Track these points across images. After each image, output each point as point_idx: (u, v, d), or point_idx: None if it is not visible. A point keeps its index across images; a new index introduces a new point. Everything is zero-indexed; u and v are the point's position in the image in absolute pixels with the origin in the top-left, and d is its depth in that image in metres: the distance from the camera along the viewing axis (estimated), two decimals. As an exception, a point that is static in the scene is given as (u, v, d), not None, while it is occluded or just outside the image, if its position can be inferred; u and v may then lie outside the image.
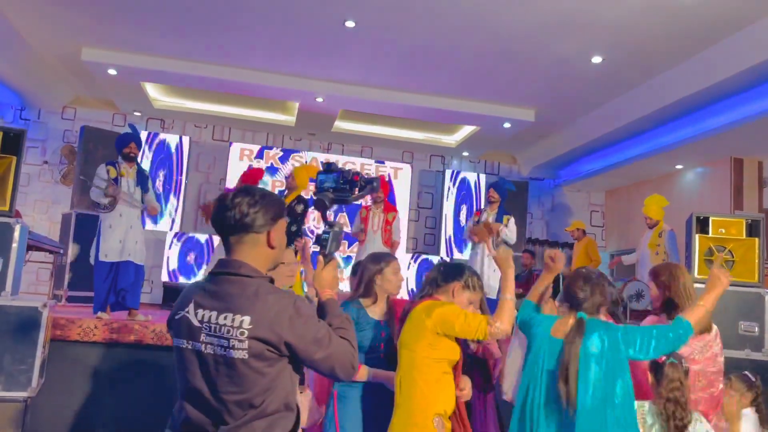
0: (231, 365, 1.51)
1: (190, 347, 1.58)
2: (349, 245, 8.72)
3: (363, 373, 2.65)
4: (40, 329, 3.69)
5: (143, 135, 8.65)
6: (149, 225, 7.96)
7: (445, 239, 9.50)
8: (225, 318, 1.53)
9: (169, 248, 8.25)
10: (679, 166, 8.67)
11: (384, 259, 2.87)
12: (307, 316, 1.56)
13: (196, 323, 1.57)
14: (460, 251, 9.32)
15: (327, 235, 1.87)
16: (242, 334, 1.50)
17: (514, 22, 5.65)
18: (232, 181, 8.52)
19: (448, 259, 9.04)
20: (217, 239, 6.02)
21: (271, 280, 1.65)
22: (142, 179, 5.19)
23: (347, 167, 2.09)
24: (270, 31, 6.33)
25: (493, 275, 5.79)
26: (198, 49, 6.99)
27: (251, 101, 8.64)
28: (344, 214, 9.00)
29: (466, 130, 9.16)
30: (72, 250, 6.90)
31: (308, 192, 6.05)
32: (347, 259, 8.73)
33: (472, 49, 6.33)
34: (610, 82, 6.92)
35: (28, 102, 8.66)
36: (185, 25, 6.34)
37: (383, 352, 2.75)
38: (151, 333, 4.57)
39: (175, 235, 8.35)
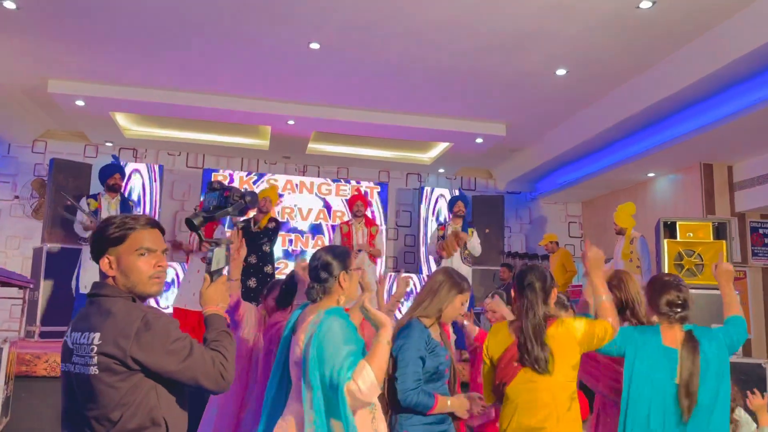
0: (86, 381, 1.58)
1: (65, 370, 1.66)
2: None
3: (443, 404, 2.53)
4: (1, 366, 3.60)
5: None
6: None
7: (425, 257, 9.48)
8: (83, 337, 1.61)
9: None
10: (651, 174, 8.76)
11: (464, 288, 2.77)
12: (157, 329, 1.61)
13: (70, 346, 1.65)
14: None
15: (212, 254, 1.93)
16: (92, 350, 1.57)
17: (479, 38, 5.71)
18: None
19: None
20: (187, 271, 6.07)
21: (132, 300, 1.70)
22: (125, 209, 5.16)
23: (229, 187, 2.17)
24: (237, 56, 6.35)
25: None
26: (166, 76, 6.98)
27: (224, 127, 8.63)
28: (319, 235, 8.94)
29: (441, 147, 9.21)
30: (45, 284, 6.78)
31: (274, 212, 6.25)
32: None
33: (439, 66, 6.38)
34: (576, 94, 7.01)
35: (-3, 137, 8.58)
36: (151, 53, 6.33)
37: (448, 377, 2.69)
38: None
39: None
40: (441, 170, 10.14)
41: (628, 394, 2.56)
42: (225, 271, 1.97)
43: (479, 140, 8.39)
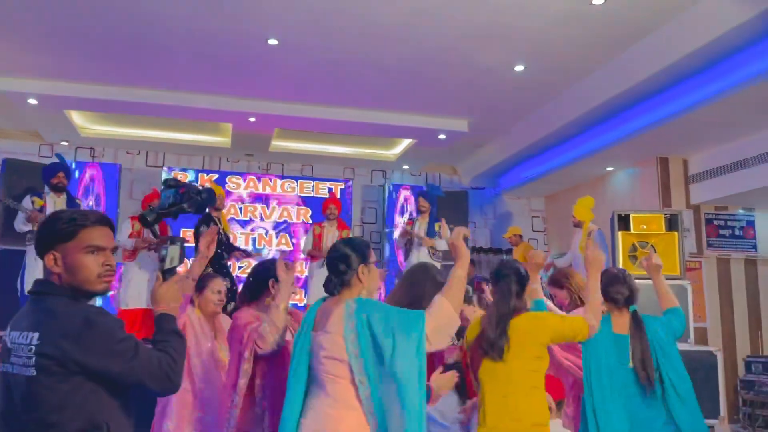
0: (25, 383, 1.52)
1: (3, 370, 1.59)
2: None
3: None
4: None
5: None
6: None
7: (391, 253, 9.49)
8: (21, 336, 1.55)
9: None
10: (609, 168, 8.92)
11: None
12: (99, 329, 1.56)
13: (8, 345, 1.59)
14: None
15: (166, 251, 1.90)
16: (30, 350, 1.51)
17: (435, 33, 5.73)
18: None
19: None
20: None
21: (81, 297, 1.65)
22: (72, 206, 5.02)
23: (193, 185, 2.13)
24: (194, 52, 6.24)
25: None
26: (122, 73, 6.83)
27: (184, 125, 8.49)
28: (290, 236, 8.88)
29: (404, 143, 9.22)
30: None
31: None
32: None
33: (398, 61, 6.39)
34: (534, 90, 7.09)
35: (-53, 136, 8.30)
36: (106, 50, 6.19)
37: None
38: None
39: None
40: (405, 167, 10.16)
41: (589, 380, 2.73)
42: (178, 270, 1.95)
43: (442, 136, 8.43)
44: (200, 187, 2.03)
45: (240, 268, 7.92)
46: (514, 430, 2.46)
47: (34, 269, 4.79)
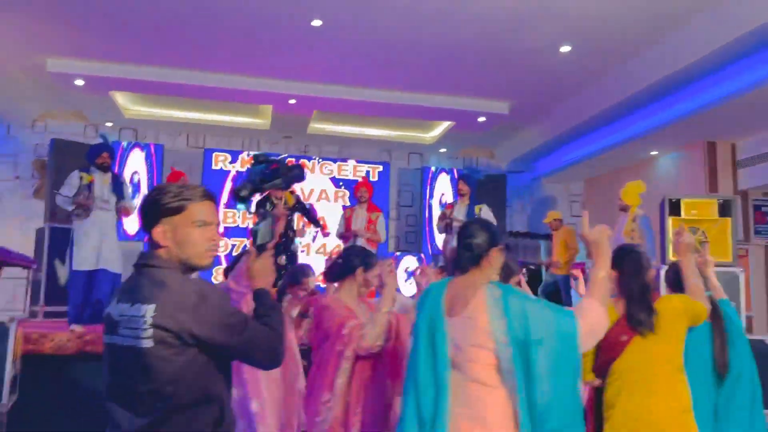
0: (139, 355, 1.51)
1: (110, 342, 1.59)
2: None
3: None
4: (8, 344, 3.61)
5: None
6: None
7: (427, 236, 9.48)
8: (133, 308, 1.54)
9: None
10: (654, 152, 8.73)
11: None
12: (213, 302, 1.56)
13: (116, 317, 1.58)
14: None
15: (258, 227, 1.88)
16: (146, 322, 1.50)
17: (481, 14, 5.64)
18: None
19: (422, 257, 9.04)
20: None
21: (187, 270, 1.65)
22: (117, 186, 5.13)
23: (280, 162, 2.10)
24: (237, 34, 6.28)
25: None
26: (166, 55, 6.91)
27: (225, 106, 8.57)
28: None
29: (442, 126, 9.15)
30: (48, 264, 6.77)
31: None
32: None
33: (442, 43, 6.32)
34: (580, 71, 6.95)
35: (-3, 117, 8.53)
36: (152, 32, 6.26)
37: None
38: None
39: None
40: (442, 150, 10.09)
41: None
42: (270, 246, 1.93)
43: (481, 119, 8.34)
44: (290, 164, 2.01)
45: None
46: (664, 415, 2.40)
47: (82, 245, 4.89)
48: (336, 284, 2.88)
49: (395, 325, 2.61)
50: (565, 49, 6.33)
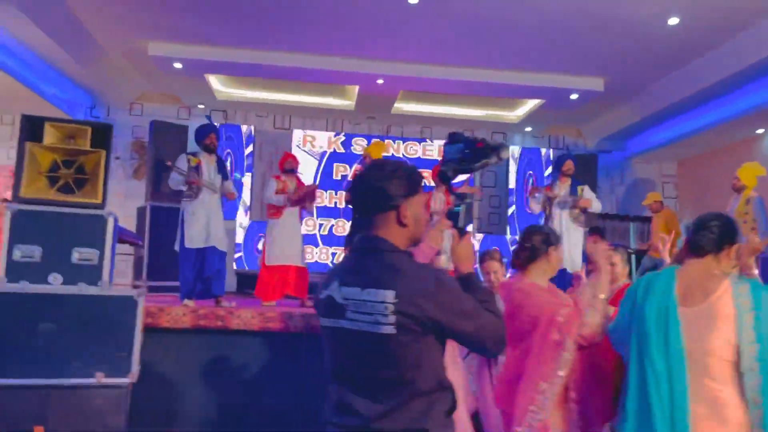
0: (378, 341, 1.48)
1: (336, 326, 1.56)
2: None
3: None
4: (137, 317, 3.78)
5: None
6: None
7: (515, 217, 9.32)
8: (368, 293, 1.50)
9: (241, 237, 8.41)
10: (760, 131, 8.20)
11: None
12: (450, 288, 1.52)
13: (340, 301, 1.55)
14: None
15: (458, 209, 1.83)
16: (387, 308, 1.46)
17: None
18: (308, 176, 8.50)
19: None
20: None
21: (410, 255, 1.60)
22: (221, 167, 5.27)
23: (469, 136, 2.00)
24: (333, 15, 6.28)
25: (574, 248, 5.66)
26: (259, 37, 7.01)
27: (310, 87, 8.65)
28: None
29: (529, 104, 8.92)
30: (150, 241, 7.08)
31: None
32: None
33: (538, 17, 6.11)
34: (686, 45, 6.57)
35: (98, 100, 8.94)
36: (245, 15, 6.36)
37: None
38: (237, 319, 4.64)
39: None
40: (528, 129, 9.84)
41: None
42: (469, 228, 1.89)
43: (574, 96, 8.06)
44: (493, 141, 1.92)
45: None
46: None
47: (192, 224, 5.06)
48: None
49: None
50: (674, 21, 6.00)
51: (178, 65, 7.51)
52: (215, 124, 5.61)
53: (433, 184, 6.63)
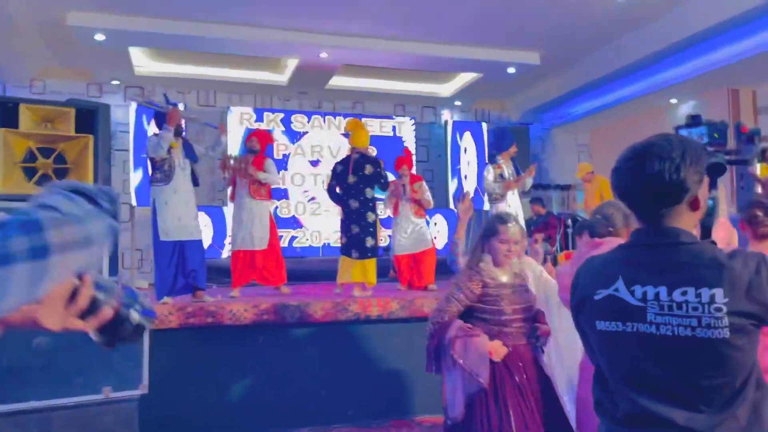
0: (704, 346, 1.33)
1: (630, 330, 1.39)
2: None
3: None
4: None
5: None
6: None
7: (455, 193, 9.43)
8: (684, 293, 1.34)
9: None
10: (673, 100, 8.86)
11: None
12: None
13: (634, 302, 1.39)
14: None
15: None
16: (718, 310, 1.31)
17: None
18: (235, 148, 7.95)
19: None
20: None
21: (715, 243, 1.45)
22: (189, 150, 4.82)
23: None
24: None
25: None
26: (192, 7, 6.45)
27: (239, 61, 8.14)
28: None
29: (463, 78, 9.00)
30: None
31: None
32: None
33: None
34: (625, 18, 6.87)
35: (-9, 77, 7.84)
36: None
37: None
38: (229, 314, 4.32)
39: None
40: (457, 102, 9.96)
41: None
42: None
43: (511, 69, 8.24)
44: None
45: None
46: None
47: (166, 216, 4.57)
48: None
49: None
50: (621, -4, 6.26)
51: (100, 37, 6.72)
52: (176, 103, 5.07)
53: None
